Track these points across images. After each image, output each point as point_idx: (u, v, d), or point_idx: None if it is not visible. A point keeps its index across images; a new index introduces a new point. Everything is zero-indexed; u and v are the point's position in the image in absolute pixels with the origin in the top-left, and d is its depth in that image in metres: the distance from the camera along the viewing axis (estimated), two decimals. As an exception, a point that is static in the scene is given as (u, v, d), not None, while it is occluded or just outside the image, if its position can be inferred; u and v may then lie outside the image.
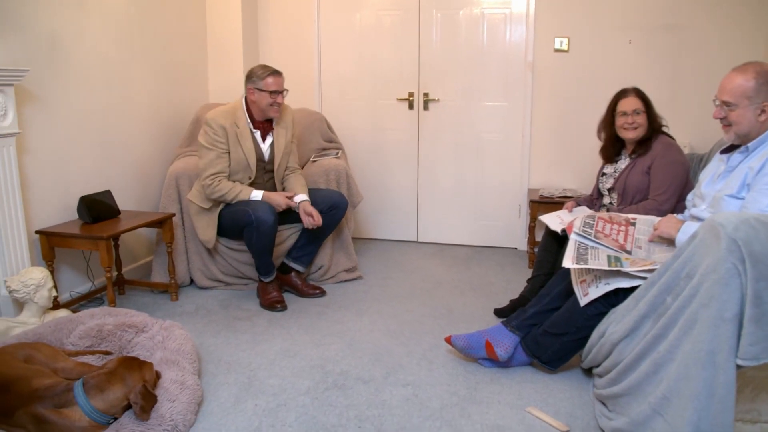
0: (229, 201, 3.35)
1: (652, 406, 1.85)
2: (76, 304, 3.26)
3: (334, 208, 3.52)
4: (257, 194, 3.37)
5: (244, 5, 4.51)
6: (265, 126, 3.47)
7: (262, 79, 3.32)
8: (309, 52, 4.74)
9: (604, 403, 2.23)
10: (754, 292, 1.62)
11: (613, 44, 4.23)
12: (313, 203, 3.47)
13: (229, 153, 3.35)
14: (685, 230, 2.27)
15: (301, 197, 3.44)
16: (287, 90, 3.44)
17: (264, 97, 3.34)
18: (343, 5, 4.65)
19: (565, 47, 4.29)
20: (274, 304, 3.34)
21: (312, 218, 3.36)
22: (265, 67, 3.38)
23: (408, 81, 4.64)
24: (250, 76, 3.36)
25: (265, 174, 3.52)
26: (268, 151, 3.48)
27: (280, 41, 4.75)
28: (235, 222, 3.33)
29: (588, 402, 2.37)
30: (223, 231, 3.48)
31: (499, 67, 4.47)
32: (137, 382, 2.04)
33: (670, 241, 2.35)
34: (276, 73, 3.36)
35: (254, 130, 3.43)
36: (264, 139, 3.47)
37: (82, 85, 3.36)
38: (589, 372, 2.57)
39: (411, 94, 4.64)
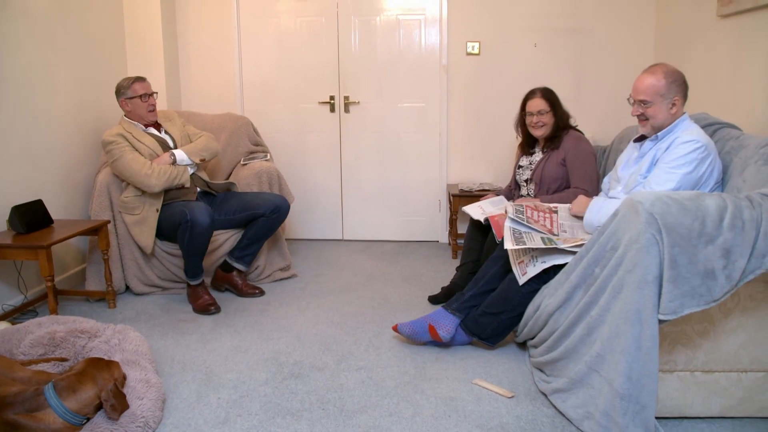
0: (174, 178, 3.44)
1: (588, 365, 2.12)
2: (9, 317, 3.17)
3: (277, 211, 3.61)
4: (180, 154, 3.53)
5: (164, 12, 4.49)
6: (155, 125, 3.66)
7: (129, 87, 3.52)
8: (230, 57, 4.78)
9: (541, 370, 2.49)
10: (670, 256, 1.91)
11: (521, 47, 4.57)
12: (256, 207, 3.59)
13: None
14: (591, 208, 2.62)
15: (181, 156, 3.54)
16: (156, 92, 3.65)
17: (137, 103, 3.53)
18: (262, 11, 4.73)
19: (476, 51, 4.59)
20: (207, 308, 3.37)
21: None
22: (127, 77, 3.59)
23: (329, 85, 4.79)
24: (118, 91, 3.56)
25: None
26: (168, 137, 3.66)
27: (200, 47, 4.77)
28: (172, 222, 3.37)
29: (526, 371, 2.62)
30: (162, 232, 3.50)
31: (415, 70, 4.71)
32: (108, 381, 2.08)
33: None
34: (140, 79, 3.57)
35: (147, 129, 3.60)
36: (159, 132, 3.66)
37: (8, 92, 3.28)
38: (523, 345, 2.84)
39: (332, 98, 4.80)
